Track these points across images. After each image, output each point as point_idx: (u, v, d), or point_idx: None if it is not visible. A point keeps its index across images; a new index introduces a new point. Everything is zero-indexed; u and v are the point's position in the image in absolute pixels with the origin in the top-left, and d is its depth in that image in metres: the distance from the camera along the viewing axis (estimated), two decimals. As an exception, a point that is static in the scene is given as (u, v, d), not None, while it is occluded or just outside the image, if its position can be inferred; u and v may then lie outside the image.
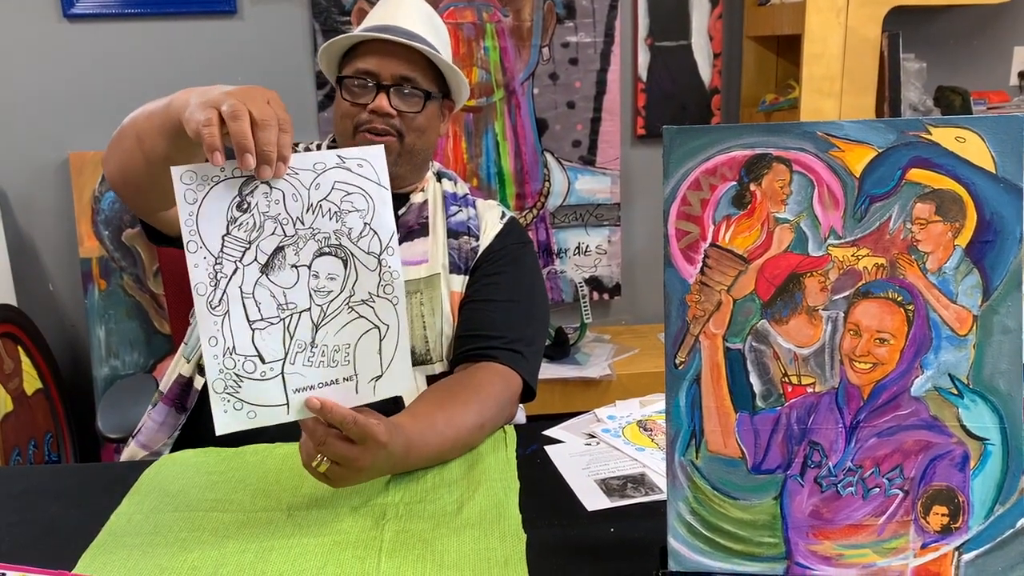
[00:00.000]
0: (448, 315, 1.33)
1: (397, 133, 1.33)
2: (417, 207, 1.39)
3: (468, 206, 1.42)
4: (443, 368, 1.32)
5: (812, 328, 0.77)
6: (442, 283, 1.34)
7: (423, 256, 1.35)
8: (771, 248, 0.78)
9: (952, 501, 0.77)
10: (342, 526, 0.95)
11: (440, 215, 1.40)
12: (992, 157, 0.74)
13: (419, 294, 1.32)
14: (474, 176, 2.48)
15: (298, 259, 0.92)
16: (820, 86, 2.19)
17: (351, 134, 1.34)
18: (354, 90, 1.33)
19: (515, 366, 1.26)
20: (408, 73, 1.33)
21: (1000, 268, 0.75)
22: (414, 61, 1.34)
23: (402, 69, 1.33)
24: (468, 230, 1.39)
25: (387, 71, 1.32)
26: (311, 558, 0.89)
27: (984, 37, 2.63)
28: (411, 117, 1.33)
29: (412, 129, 1.34)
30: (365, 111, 1.32)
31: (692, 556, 0.79)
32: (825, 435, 0.78)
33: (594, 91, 2.50)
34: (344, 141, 1.36)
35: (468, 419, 1.13)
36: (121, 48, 2.34)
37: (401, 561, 0.88)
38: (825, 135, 0.76)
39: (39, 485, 1.10)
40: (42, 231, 2.42)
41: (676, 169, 0.78)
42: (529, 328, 1.33)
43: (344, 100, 1.33)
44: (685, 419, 0.79)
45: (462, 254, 1.37)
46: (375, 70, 1.32)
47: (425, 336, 1.31)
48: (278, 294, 0.91)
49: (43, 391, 2.33)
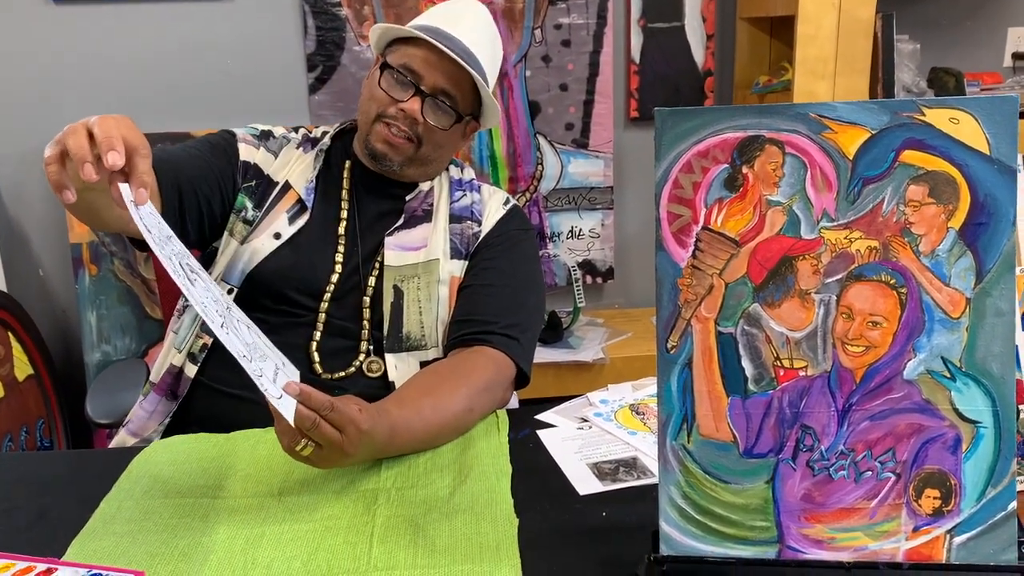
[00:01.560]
0: (445, 301, 1.33)
1: (416, 139, 1.32)
2: (423, 194, 1.39)
3: (473, 191, 1.42)
4: (437, 354, 1.32)
5: (804, 311, 0.77)
6: (441, 268, 1.33)
7: (422, 242, 1.35)
8: (763, 231, 0.77)
9: (944, 484, 0.76)
10: (333, 511, 0.95)
11: (444, 200, 1.39)
12: (986, 138, 0.74)
13: (416, 279, 1.32)
14: (467, 160, 2.47)
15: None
16: (814, 68, 2.18)
17: (373, 118, 1.33)
18: (393, 83, 1.31)
19: (508, 351, 1.25)
20: (450, 89, 1.32)
21: (993, 250, 0.74)
22: (460, 79, 1.32)
23: (446, 83, 1.31)
24: (471, 215, 1.38)
25: (431, 79, 1.30)
26: (302, 544, 0.89)
27: (978, 18, 2.62)
28: (435, 131, 1.32)
29: (431, 141, 1.33)
30: (395, 106, 1.31)
31: (684, 540, 0.79)
32: (817, 419, 0.78)
33: (587, 73, 2.49)
34: (365, 122, 1.35)
35: (456, 405, 1.12)
36: (111, 32, 2.32)
37: (393, 546, 0.88)
38: (818, 116, 0.76)
39: (29, 472, 1.10)
40: (32, 217, 2.41)
41: (668, 151, 0.78)
42: (524, 314, 1.33)
43: (380, 87, 1.32)
44: (677, 403, 0.79)
45: (464, 239, 1.36)
46: (421, 72, 1.30)
47: (421, 321, 1.31)
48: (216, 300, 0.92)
49: (34, 377, 2.32)
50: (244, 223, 1.32)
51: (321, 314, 1.30)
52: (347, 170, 1.39)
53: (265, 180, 1.35)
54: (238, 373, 1.26)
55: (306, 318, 1.30)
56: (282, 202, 1.34)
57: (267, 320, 1.26)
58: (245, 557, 0.87)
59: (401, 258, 1.32)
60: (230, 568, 0.85)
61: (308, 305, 1.30)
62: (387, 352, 1.29)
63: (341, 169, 1.39)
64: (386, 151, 1.32)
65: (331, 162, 1.40)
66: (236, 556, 0.87)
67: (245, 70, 2.38)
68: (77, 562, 0.85)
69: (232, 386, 1.27)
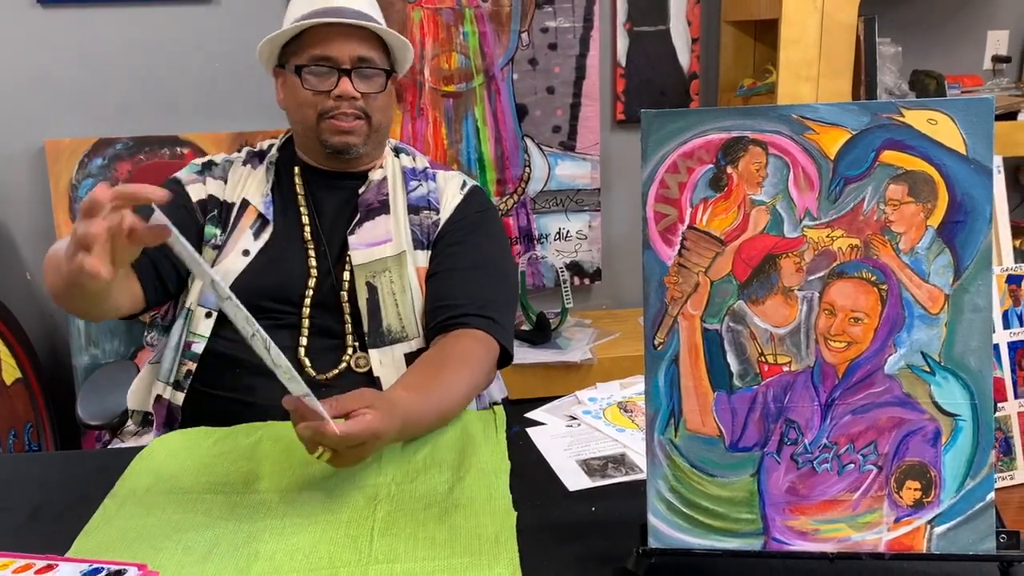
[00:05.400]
0: (418, 291, 1.34)
1: (364, 113, 1.33)
2: (376, 184, 1.39)
3: (428, 180, 1.42)
4: (420, 344, 1.33)
5: (788, 308, 0.79)
6: (408, 260, 1.35)
7: (386, 235, 1.35)
8: (747, 230, 0.79)
9: (924, 476, 0.78)
10: (334, 506, 0.96)
11: (400, 191, 1.40)
12: (963, 139, 0.76)
13: (387, 272, 1.33)
14: (455, 162, 2.48)
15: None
16: (797, 70, 2.20)
17: (315, 122, 1.33)
18: (312, 78, 1.32)
19: (489, 331, 1.27)
20: (365, 53, 1.32)
21: (971, 248, 0.76)
22: (367, 39, 1.33)
23: (359, 50, 1.32)
24: (428, 204, 1.39)
25: (344, 54, 1.31)
26: (304, 536, 0.90)
27: (958, 22, 2.65)
28: (374, 97, 1.33)
29: (377, 109, 1.34)
30: (329, 98, 1.31)
31: (671, 533, 0.81)
32: (801, 413, 0.79)
33: (573, 76, 2.50)
34: (307, 130, 1.35)
35: (460, 387, 1.17)
36: (96, 35, 2.32)
37: (393, 539, 0.89)
38: (800, 118, 0.77)
39: (20, 473, 1.10)
40: (19, 220, 2.40)
41: (654, 152, 0.79)
42: (499, 292, 1.35)
43: (305, 89, 1.32)
44: (664, 399, 0.80)
45: (424, 229, 1.37)
46: (333, 55, 1.31)
47: (399, 314, 1.32)
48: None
49: (22, 380, 2.31)
50: (213, 249, 1.34)
51: (304, 319, 1.31)
52: (298, 176, 1.39)
53: (223, 205, 1.37)
54: (230, 377, 1.28)
55: (289, 320, 1.31)
56: (244, 219, 1.35)
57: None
58: (248, 549, 0.88)
59: (368, 255, 1.33)
60: (233, 560, 0.86)
61: (289, 311, 1.31)
62: (370, 348, 1.31)
63: (292, 176, 1.40)
64: (345, 140, 1.33)
65: (281, 172, 1.41)
66: (240, 549, 0.88)
67: (232, 73, 2.38)
68: (78, 558, 0.85)
69: (225, 389, 1.28)
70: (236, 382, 1.28)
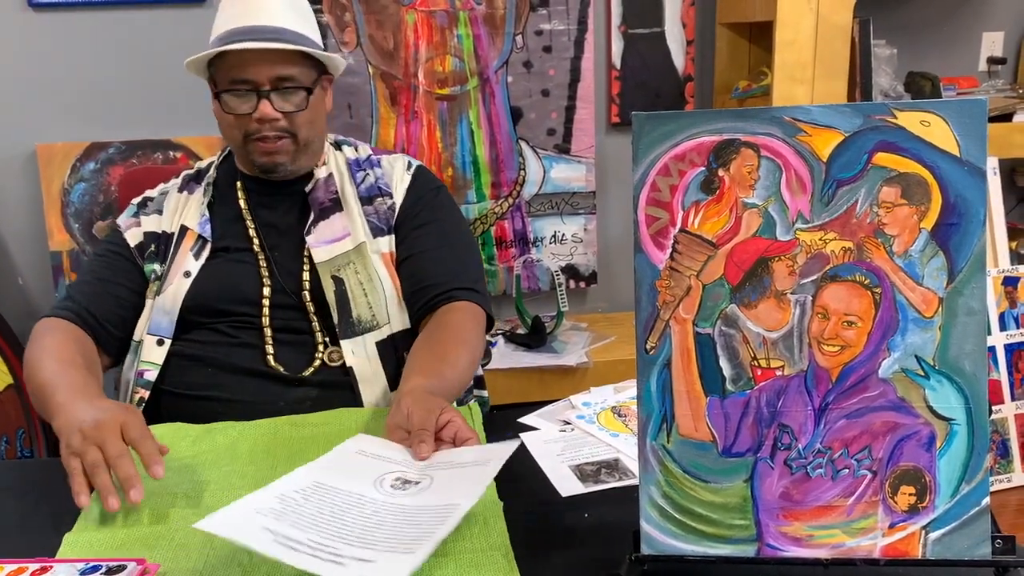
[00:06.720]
0: (386, 276, 1.35)
1: (289, 132, 1.32)
2: (323, 182, 1.39)
3: (374, 167, 1.43)
4: (390, 330, 1.34)
5: (780, 312, 0.78)
6: (369, 249, 1.35)
7: (344, 231, 1.36)
8: (739, 233, 0.78)
9: (919, 481, 0.78)
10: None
11: (348, 185, 1.40)
12: (956, 140, 0.75)
13: (351, 264, 1.34)
14: (449, 165, 2.47)
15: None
16: (792, 73, 2.20)
17: (241, 143, 1.33)
18: (232, 101, 1.30)
19: (474, 300, 1.32)
20: (284, 71, 1.30)
21: (964, 250, 0.76)
22: (286, 56, 1.30)
23: (277, 69, 1.29)
24: (380, 191, 1.40)
25: (263, 75, 1.29)
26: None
27: (954, 23, 2.65)
28: (297, 114, 1.32)
29: (302, 125, 1.33)
30: (251, 121, 1.30)
31: (664, 539, 0.80)
32: (794, 418, 0.79)
33: (568, 79, 2.50)
34: (237, 147, 1.36)
35: (464, 360, 1.23)
36: (87, 38, 2.30)
37: None
38: (792, 120, 0.77)
39: (5, 480, 1.09)
40: (10, 224, 2.39)
41: (645, 155, 0.79)
42: (470, 263, 1.40)
43: (225, 114, 1.31)
44: (656, 403, 0.80)
45: (380, 216, 1.38)
46: (250, 77, 1.29)
47: (368, 303, 1.33)
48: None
49: (14, 387, 2.29)
50: (155, 280, 1.34)
51: (266, 328, 1.31)
52: (240, 189, 1.39)
53: (161, 237, 1.37)
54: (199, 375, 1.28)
55: (252, 322, 1.32)
56: (184, 244, 1.36)
57: (217, 327, 1.29)
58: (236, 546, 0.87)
59: (329, 251, 1.34)
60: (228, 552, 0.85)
61: (251, 313, 1.32)
62: (342, 339, 1.31)
63: (235, 190, 1.40)
64: (272, 160, 1.33)
65: (222, 187, 1.40)
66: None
67: (226, 77, 2.37)
68: (71, 558, 0.84)
69: (194, 388, 1.29)
70: (202, 381, 1.29)
